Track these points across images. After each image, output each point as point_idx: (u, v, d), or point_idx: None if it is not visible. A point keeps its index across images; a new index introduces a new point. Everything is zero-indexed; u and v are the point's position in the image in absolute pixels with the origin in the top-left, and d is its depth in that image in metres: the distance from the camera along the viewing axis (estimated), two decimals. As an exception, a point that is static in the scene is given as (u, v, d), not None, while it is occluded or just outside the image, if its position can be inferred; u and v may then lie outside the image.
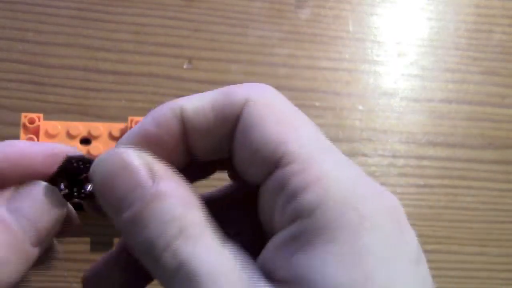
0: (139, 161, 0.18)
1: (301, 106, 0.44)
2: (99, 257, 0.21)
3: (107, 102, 0.42)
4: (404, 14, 0.47)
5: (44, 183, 0.19)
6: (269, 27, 0.45)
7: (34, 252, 0.18)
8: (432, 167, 0.44)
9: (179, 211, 0.17)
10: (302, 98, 0.44)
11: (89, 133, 0.38)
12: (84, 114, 0.41)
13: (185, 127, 0.19)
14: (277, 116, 0.18)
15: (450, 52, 0.47)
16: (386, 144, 0.44)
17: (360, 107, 0.45)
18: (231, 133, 0.19)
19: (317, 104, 0.44)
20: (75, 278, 0.38)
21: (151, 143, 0.19)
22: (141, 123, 0.19)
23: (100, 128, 0.38)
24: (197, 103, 0.19)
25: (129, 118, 0.38)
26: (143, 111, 0.41)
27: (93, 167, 0.19)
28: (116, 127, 0.38)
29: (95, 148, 0.38)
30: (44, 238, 0.19)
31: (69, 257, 0.38)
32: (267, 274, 0.17)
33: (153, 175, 0.18)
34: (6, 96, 0.41)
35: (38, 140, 0.37)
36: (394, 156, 0.44)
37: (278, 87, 0.21)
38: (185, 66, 0.43)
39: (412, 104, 0.45)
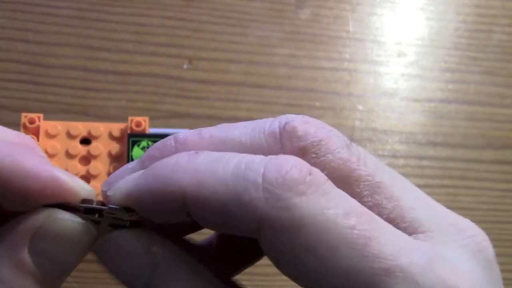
0: (137, 246, 0.17)
1: (301, 106, 0.44)
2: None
3: (107, 102, 0.42)
4: (404, 14, 0.47)
5: (71, 217, 0.17)
6: (269, 27, 0.45)
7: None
8: (432, 167, 0.44)
9: None
10: (302, 98, 0.44)
11: (89, 133, 0.38)
12: (84, 114, 0.41)
13: (189, 213, 0.16)
14: (307, 241, 0.15)
15: (450, 52, 0.47)
16: (386, 144, 0.44)
17: (360, 107, 0.45)
18: (248, 235, 0.16)
19: (317, 104, 0.44)
20: (75, 278, 0.38)
21: (147, 210, 0.17)
22: (138, 185, 0.17)
23: (100, 128, 0.38)
24: (204, 197, 0.16)
25: (129, 118, 0.38)
26: (143, 111, 0.41)
27: (96, 248, 0.18)
28: (116, 127, 0.38)
29: (95, 148, 0.38)
30: (68, 274, 0.18)
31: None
32: None
33: (155, 257, 0.17)
34: (6, 96, 0.41)
35: (38, 141, 0.37)
36: (394, 156, 0.44)
37: (278, 87, 0.21)
38: (185, 66, 0.43)
39: (412, 104, 0.45)
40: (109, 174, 0.38)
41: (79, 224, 0.17)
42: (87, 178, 0.37)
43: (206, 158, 0.16)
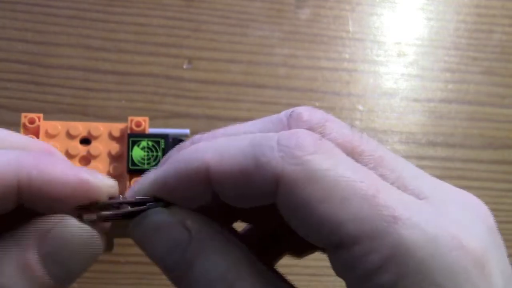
0: (171, 220, 0.18)
1: (300, 106, 0.44)
2: (99, 257, 0.21)
3: (107, 102, 0.42)
4: (403, 14, 0.47)
5: (80, 225, 0.17)
6: (269, 27, 0.45)
7: None
8: (432, 167, 0.44)
9: (222, 268, 0.17)
10: (302, 98, 0.44)
11: (89, 133, 0.38)
12: (84, 114, 0.41)
13: (212, 187, 0.17)
14: (321, 193, 0.16)
15: (450, 52, 0.47)
16: (386, 144, 0.44)
17: (360, 107, 0.45)
18: (267, 200, 0.17)
19: (317, 104, 0.44)
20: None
21: (173, 193, 0.18)
22: (164, 170, 0.18)
23: (100, 128, 0.38)
24: (226, 166, 0.17)
25: (129, 118, 0.38)
26: (143, 111, 0.41)
27: (131, 228, 0.18)
28: (116, 127, 0.38)
29: (95, 148, 0.38)
30: (76, 279, 0.18)
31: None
32: None
33: (188, 231, 0.17)
34: (6, 96, 0.41)
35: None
36: (394, 156, 0.44)
37: (278, 87, 0.21)
38: (185, 66, 0.43)
39: (412, 104, 0.45)
40: (109, 174, 0.38)
41: (87, 233, 0.17)
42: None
43: (224, 138, 0.18)
